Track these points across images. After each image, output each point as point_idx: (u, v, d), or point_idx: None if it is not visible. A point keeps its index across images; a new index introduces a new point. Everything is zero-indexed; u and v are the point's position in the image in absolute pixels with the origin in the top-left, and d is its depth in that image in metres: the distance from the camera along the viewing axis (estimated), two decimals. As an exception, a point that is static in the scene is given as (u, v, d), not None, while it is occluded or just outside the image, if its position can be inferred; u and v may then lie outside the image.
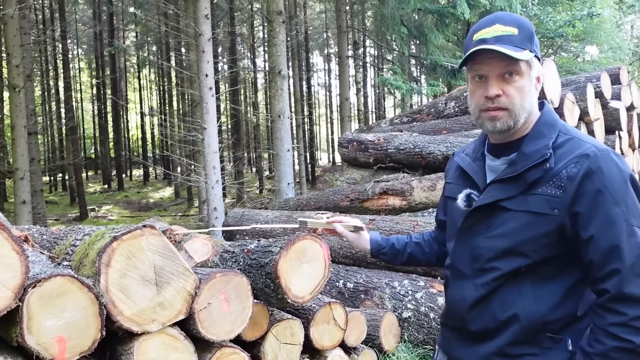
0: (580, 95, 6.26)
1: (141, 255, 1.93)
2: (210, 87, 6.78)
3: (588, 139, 1.16)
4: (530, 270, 1.16)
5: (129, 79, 29.09)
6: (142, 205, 17.99)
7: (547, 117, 1.21)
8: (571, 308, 1.15)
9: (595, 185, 1.08)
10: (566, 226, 1.11)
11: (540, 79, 1.19)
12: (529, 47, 1.15)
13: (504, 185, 1.19)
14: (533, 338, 1.16)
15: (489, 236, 1.21)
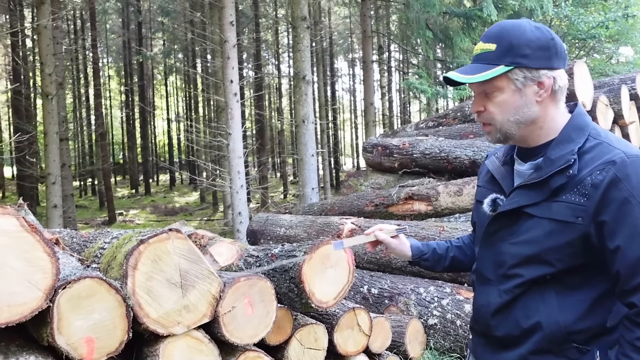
0: (614, 98, 6.06)
1: (167, 258, 1.95)
2: (235, 93, 6.85)
3: (619, 144, 1.10)
4: (555, 279, 1.13)
5: (156, 86, 29.76)
6: (169, 209, 18.31)
7: (577, 120, 1.16)
8: (599, 319, 1.12)
9: (622, 193, 1.03)
10: (591, 235, 1.07)
11: (546, 82, 1.12)
12: (506, 61, 1.11)
13: (529, 191, 1.16)
14: (558, 348, 1.13)
15: (513, 242, 1.18)
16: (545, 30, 1.13)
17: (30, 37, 14.28)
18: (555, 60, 1.13)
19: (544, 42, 1.12)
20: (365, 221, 4.67)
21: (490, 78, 1.12)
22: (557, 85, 1.14)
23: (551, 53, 1.12)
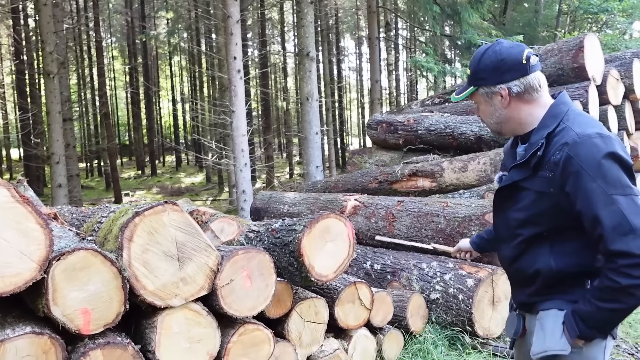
0: (626, 72, 5.90)
1: (163, 230, 1.93)
2: (238, 70, 6.76)
3: (579, 126, 1.36)
4: (548, 235, 1.43)
5: (160, 66, 29.56)
6: (175, 190, 18.39)
7: (553, 109, 1.45)
8: (587, 262, 1.40)
9: (574, 167, 1.31)
10: (562, 203, 1.36)
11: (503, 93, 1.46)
12: (474, 82, 1.51)
13: (521, 169, 1.46)
14: (557, 284, 1.44)
15: (513, 209, 1.50)
16: (499, 54, 1.45)
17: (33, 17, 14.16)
18: (506, 75, 1.45)
19: (494, 65, 1.45)
20: (369, 198, 4.63)
21: (466, 96, 1.53)
22: (514, 91, 1.45)
23: (502, 71, 1.45)
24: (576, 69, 5.33)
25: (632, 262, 1.24)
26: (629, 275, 1.25)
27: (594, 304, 1.32)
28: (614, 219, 1.26)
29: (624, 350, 3.15)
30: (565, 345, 1.38)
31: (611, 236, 1.26)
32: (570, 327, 1.37)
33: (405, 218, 4.06)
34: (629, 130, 5.83)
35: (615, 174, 1.29)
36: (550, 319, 1.43)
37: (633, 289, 1.25)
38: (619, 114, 5.69)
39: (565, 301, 1.42)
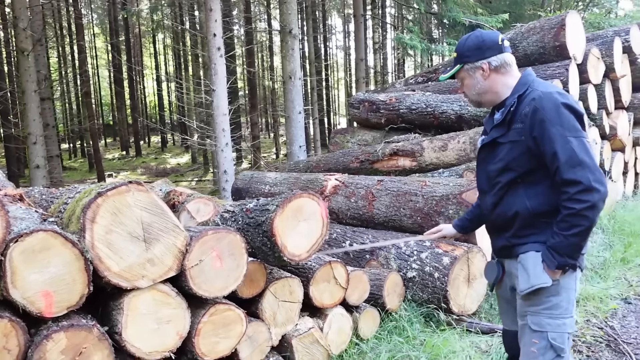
0: (607, 51, 5.90)
1: (127, 211, 1.89)
2: (218, 48, 6.62)
3: (543, 86, 1.73)
4: (521, 180, 1.75)
5: (144, 44, 28.91)
6: (160, 170, 18.21)
7: (522, 79, 1.81)
8: (553, 202, 1.68)
9: (540, 116, 1.66)
10: (531, 146, 1.69)
11: (484, 67, 1.81)
12: (460, 61, 1.86)
13: (499, 128, 1.81)
14: (532, 224, 1.74)
15: (494, 162, 1.82)
16: (480, 36, 1.84)
17: (8, -8, 13.65)
18: (486, 53, 1.81)
19: (476, 44, 1.83)
20: (349, 177, 4.62)
21: (453, 73, 1.89)
22: (493, 65, 1.81)
23: (482, 50, 1.82)
24: (557, 48, 5.31)
25: (580, 189, 1.57)
26: (580, 200, 1.57)
27: (560, 234, 1.63)
28: (567, 154, 1.60)
29: (593, 325, 3.22)
30: (547, 278, 1.69)
31: (564, 167, 1.60)
32: (549, 260, 1.67)
33: (385, 197, 4.06)
34: (609, 109, 5.87)
35: (570, 121, 1.63)
36: (530, 259, 1.73)
37: (585, 211, 1.57)
38: (599, 92, 5.71)
39: (539, 243, 1.72)
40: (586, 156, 1.59)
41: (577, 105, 1.69)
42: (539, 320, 1.74)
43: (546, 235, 1.71)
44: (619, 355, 2.88)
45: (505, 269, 1.90)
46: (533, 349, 1.73)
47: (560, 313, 1.72)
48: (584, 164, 1.58)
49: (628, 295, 3.73)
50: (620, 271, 4.15)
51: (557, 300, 1.72)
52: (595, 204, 1.57)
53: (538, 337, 1.73)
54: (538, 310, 1.74)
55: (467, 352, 2.79)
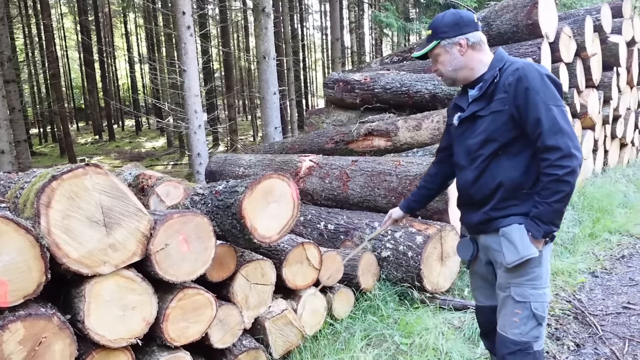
0: (578, 29, 5.93)
1: (86, 195, 1.81)
2: (188, 26, 6.41)
3: (520, 60, 1.82)
4: (503, 151, 1.79)
5: (114, 24, 27.99)
6: (134, 155, 17.83)
7: (497, 56, 1.88)
8: (534, 173, 1.75)
9: (524, 85, 1.71)
10: (514, 115, 1.74)
11: (462, 42, 1.85)
12: (436, 37, 1.87)
13: (478, 102, 1.86)
14: (514, 195, 1.78)
15: (473, 136, 1.85)
16: (457, 13, 1.88)
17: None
18: (464, 29, 1.85)
19: (454, 21, 1.86)
20: (324, 158, 4.58)
21: (429, 49, 1.90)
22: (471, 41, 1.85)
23: (460, 26, 1.85)
24: (530, 26, 5.32)
25: (560, 154, 1.63)
26: (561, 166, 1.63)
27: (544, 202, 1.68)
28: (549, 121, 1.66)
29: (562, 298, 3.30)
30: (535, 249, 1.73)
31: (546, 134, 1.65)
32: (535, 230, 1.72)
33: (359, 178, 4.04)
34: (580, 88, 5.94)
35: (552, 90, 1.71)
36: (515, 232, 1.76)
37: (566, 176, 1.63)
38: (571, 71, 5.76)
39: (520, 215, 1.77)
40: (566, 124, 1.66)
41: (556, 77, 1.77)
42: (522, 291, 1.78)
43: (527, 206, 1.75)
44: (585, 327, 2.96)
45: (481, 244, 1.94)
46: (515, 319, 1.78)
47: (541, 283, 1.79)
48: (564, 131, 1.65)
49: (595, 269, 3.83)
50: (588, 246, 4.25)
51: (539, 270, 1.78)
52: (574, 169, 1.63)
53: (521, 307, 1.78)
54: (521, 282, 1.78)
55: (440, 328, 2.82)
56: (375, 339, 2.81)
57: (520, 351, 1.77)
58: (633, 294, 3.37)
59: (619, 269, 3.83)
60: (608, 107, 6.81)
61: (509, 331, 1.80)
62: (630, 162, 7.77)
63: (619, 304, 3.23)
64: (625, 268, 3.84)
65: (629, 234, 4.57)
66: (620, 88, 7.12)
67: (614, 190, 5.61)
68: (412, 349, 2.69)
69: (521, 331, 1.77)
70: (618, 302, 3.26)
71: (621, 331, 2.88)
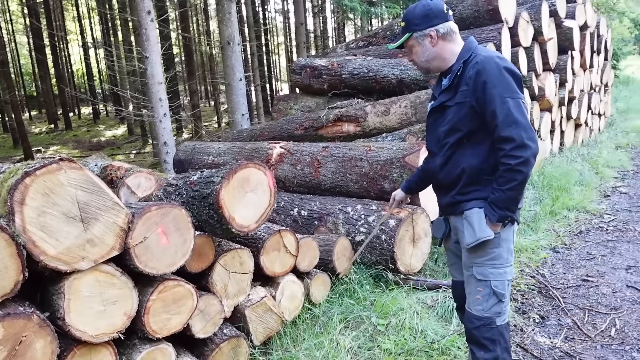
0: (535, 14, 6.13)
1: (61, 190, 1.77)
2: (148, 11, 6.20)
3: (484, 52, 1.86)
4: (467, 139, 1.89)
5: (66, 7, 26.64)
6: (94, 144, 17.22)
7: (466, 47, 1.94)
8: (494, 160, 1.82)
9: (483, 78, 1.79)
10: (475, 106, 1.83)
11: (432, 34, 1.92)
12: (409, 29, 1.95)
13: (447, 93, 1.94)
14: (476, 181, 1.89)
15: (442, 124, 1.95)
16: (427, 4, 1.93)
17: None
18: (434, 21, 1.92)
19: (424, 13, 1.92)
20: (295, 145, 4.59)
21: (402, 41, 1.98)
22: (441, 32, 1.92)
23: (430, 18, 1.92)
24: (491, 11, 5.46)
25: (514, 145, 1.72)
26: (514, 156, 1.72)
27: (499, 189, 1.79)
28: (504, 113, 1.74)
29: (527, 274, 3.48)
30: (490, 232, 1.85)
31: (501, 125, 1.74)
32: (491, 214, 1.83)
33: (331, 164, 4.08)
34: (537, 71, 6.16)
35: (509, 83, 1.77)
36: (475, 215, 1.88)
37: (519, 165, 1.72)
38: (529, 55, 5.97)
39: (481, 199, 1.88)
40: (520, 116, 1.74)
41: (516, 69, 1.82)
42: (483, 270, 1.91)
43: (487, 191, 1.86)
44: (549, 300, 3.14)
45: (451, 224, 2.08)
46: (478, 297, 1.92)
47: (501, 263, 1.90)
48: (519, 123, 1.73)
49: (556, 245, 4.05)
50: (549, 223, 4.47)
51: (498, 251, 1.89)
52: (527, 159, 1.72)
53: (482, 285, 1.91)
54: (482, 262, 1.91)
55: (415, 308, 2.93)
56: (353, 321, 2.89)
57: (483, 326, 1.91)
58: (590, 267, 3.59)
59: (577, 244, 4.06)
60: (563, 89, 7.11)
61: (473, 308, 1.95)
62: (584, 142, 8.17)
63: (579, 277, 3.44)
64: (583, 243, 4.08)
65: (585, 210, 4.84)
66: (575, 71, 7.44)
67: (571, 169, 5.90)
68: (388, 329, 2.79)
69: (484, 307, 1.91)
70: (577, 276, 3.47)
71: (581, 302, 3.08)
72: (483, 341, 1.91)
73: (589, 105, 8.32)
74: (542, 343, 2.66)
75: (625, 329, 2.74)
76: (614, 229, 4.34)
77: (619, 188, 5.66)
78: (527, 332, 2.77)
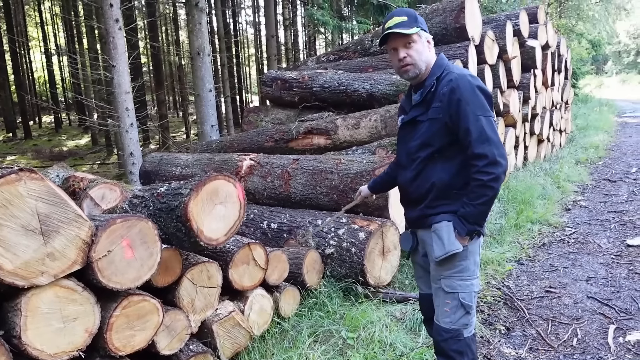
0: (500, 34, 6.36)
1: (20, 202, 1.69)
2: (116, 19, 6.09)
3: (457, 69, 1.92)
4: (438, 155, 1.91)
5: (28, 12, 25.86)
6: (55, 154, 16.64)
7: (438, 62, 1.99)
8: (464, 176, 1.87)
9: (457, 96, 1.83)
10: (448, 123, 1.86)
11: (430, 42, 1.99)
12: (415, 25, 1.92)
13: (418, 107, 1.97)
14: (446, 195, 1.92)
15: (414, 139, 1.97)
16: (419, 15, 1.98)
17: None
18: (425, 27, 1.99)
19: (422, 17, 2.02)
20: (265, 157, 4.56)
21: (412, 33, 1.91)
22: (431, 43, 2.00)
23: (425, 24, 1.98)
24: (458, 29, 5.62)
25: (487, 162, 1.76)
26: (487, 173, 1.77)
27: (470, 204, 1.82)
28: (477, 131, 1.78)
29: (493, 286, 3.54)
30: (459, 245, 1.88)
31: (475, 142, 1.78)
32: (460, 228, 1.86)
33: (301, 176, 4.07)
34: (502, 88, 6.37)
35: (482, 101, 1.82)
36: (444, 228, 1.90)
37: (491, 182, 1.77)
38: (494, 72, 6.17)
39: (450, 213, 1.90)
40: (493, 133, 1.79)
41: (487, 88, 1.89)
42: (450, 282, 1.94)
43: (457, 205, 1.89)
44: (514, 311, 3.21)
45: (419, 238, 2.09)
46: (446, 309, 1.95)
47: (468, 275, 1.94)
48: (491, 141, 1.78)
49: (520, 257, 4.15)
50: (514, 236, 4.59)
51: (466, 263, 1.93)
52: (498, 175, 1.77)
53: (450, 297, 1.94)
54: (450, 274, 1.94)
55: (384, 321, 2.93)
56: (323, 335, 2.87)
57: (451, 338, 1.94)
58: (553, 279, 3.69)
59: (540, 256, 4.18)
60: (527, 106, 7.37)
61: (441, 320, 1.97)
62: (546, 157, 8.47)
63: (542, 289, 3.54)
64: (546, 255, 4.20)
65: (548, 223, 5.00)
66: (537, 88, 7.74)
67: (534, 183, 6.10)
68: (358, 342, 2.78)
69: (451, 319, 1.94)
70: (541, 287, 3.56)
71: (545, 313, 3.16)
72: (451, 353, 1.93)
73: (551, 122, 8.65)
74: (507, 354, 2.71)
75: (586, 338, 2.83)
76: (575, 242, 4.49)
77: (579, 202, 5.88)
78: (494, 343, 2.82)
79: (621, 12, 27.02)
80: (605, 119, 13.82)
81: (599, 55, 23.59)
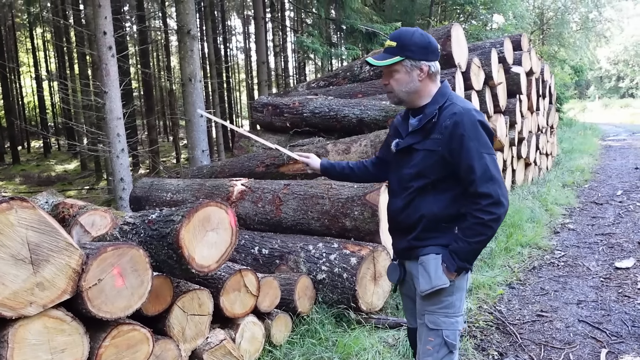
0: (485, 60, 6.53)
1: (10, 231, 1.68)
2: (109, 47, 6.15)
3: (462, 102, 1.84)
4: (431, 186, 1.86)
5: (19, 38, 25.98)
6: (43, 179, 16.48)
7: (442, 90, 1.90)
8: (457, 209, 1.84)
9: (460, 131, 1.75)
10: (446, 157, 1.79)
11: (424, 69, 1.84)
12: (402, 53, 1.82)
13: (415, 135, 1.89)
14: (435, 227, 1.86)
15: (408, 167, 1.90)
16: (426, 36, 1.85)
17: None
18: (430, 56, 1.85)
19: (424, 44, 1.83)
20: (256, 182, 4.57)
21: (391, 63, 1.83)
22: (432, 70, 1.86)
23: (428, 51, 1.84)
24: (445, 56, 5.76)
25: (491, 201, 1.71)
26: (489, 212, 1.72)
27: (465, 240, 1.77)
28: (482, 169, 1.73)
29: (485, 310, 3.54)
30: (446, 279, 1.83)
31: (479, 181, 1.72)
32: (449, 263, 1.81)
33: (292, 201, 4.08)
34: (489, 113, 6.50)
35: (485, 138, 1.77)
36: (431, 261, 1.85)
37: (492, 222, 1.72)
38: (481, 98, 6.31)
39: (439, 246, 1.85)
40: (496, 172, 1.75)
41: (488, 123, 1.87)
42: (435, 319, 1.87)
43: (446, 239, 1.84)
44: (506, 336, 3.20)
45: (407, 269, 2.03)
46: (429, 347, 1.87)
47: (454, 312, 1.87)
48: (495, 180, 1.73)
49: (512, 280, 4.17)
50: (504, 259, 4.61)
51: (452, 299, 1.87)
52: (500, 216, 1.73)
53: (434, 335, 1.86)
54: (435, 310, 1.87)
55: (377, 347, 2.91)
56: (315, 363, 2.83)
57: None
58: (544, 303, 3.70)
59: (531, 279, 4.20)
60: (513, 130, 7.51)
61: (423, 359, 1.88)
62: (534, 180, 8.58)
63: (534, 313, 3.54)
64: (536, 278, 4.22)
65: (538, 246, 5.03)
66: (523, 113, 7.90)
67: (523, 206, 6.16)
68: (351, 369, 2.74)
69: (434, 358, 1.85)
70: (533, 311, 3.57)
71: (537, 338, 3.16)
72: None
73: (537, 146, 8.81)
74: (501, 380, 2.69)
75: (578, 363, 2.82)
76: (564, 265, 4.53)
77: (567, 224, 5.94)
78: (487, 369, 2.80)
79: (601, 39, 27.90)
80: (590, 142, 14.10)
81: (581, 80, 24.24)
